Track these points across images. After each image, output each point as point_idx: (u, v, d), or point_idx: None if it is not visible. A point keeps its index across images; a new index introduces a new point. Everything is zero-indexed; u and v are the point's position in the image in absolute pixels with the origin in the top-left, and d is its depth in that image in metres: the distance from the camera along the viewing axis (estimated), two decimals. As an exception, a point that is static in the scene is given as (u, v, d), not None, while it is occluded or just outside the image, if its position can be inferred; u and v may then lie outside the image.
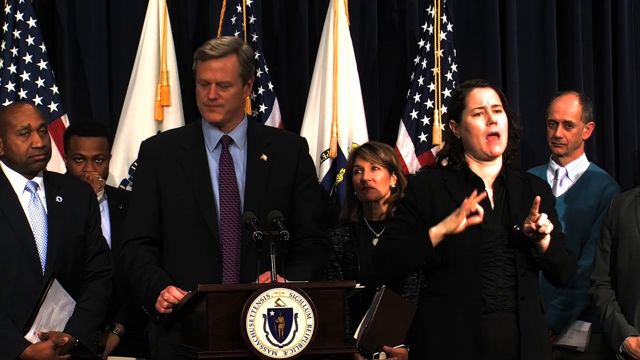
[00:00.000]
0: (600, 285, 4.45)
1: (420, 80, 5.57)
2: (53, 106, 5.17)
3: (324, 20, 5.54)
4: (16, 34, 5.15)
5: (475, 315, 3.67)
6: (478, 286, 3.67)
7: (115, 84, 5.50)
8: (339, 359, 4.10)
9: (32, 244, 4.11)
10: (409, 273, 4.32)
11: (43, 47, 5.17)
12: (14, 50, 5.15)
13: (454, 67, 5.60)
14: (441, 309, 3.72)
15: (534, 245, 3.67)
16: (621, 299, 4.40)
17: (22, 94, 5.12)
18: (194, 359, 3.43)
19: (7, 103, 5.00)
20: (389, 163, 4.62)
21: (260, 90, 5.43)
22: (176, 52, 5.36)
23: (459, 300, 3.68)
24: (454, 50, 5.62)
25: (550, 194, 3.92)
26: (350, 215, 4.67)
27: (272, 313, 3.39)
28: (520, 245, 3.70)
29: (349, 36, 5.50)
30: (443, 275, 3.72)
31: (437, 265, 3.68)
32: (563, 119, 4.89)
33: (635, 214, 4.40)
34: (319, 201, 4.02)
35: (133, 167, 5.15)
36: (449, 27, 5.61)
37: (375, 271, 3.89)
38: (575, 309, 4.76)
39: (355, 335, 4.20)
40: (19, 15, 5.15)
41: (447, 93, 5.52)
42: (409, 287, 4.47)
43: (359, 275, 4.48)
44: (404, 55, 5.85)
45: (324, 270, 4.40)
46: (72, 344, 4.15)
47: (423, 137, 5.57)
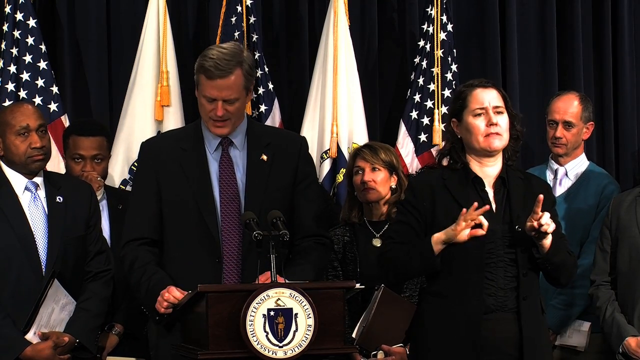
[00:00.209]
0: (600, 285, 4.45)
1: (420, 80, 5.57)
2: (53, 106, 5.17)
3: (324, 20, 5.53)
4: (16, 34, 5.15)
5: (476, 315, 3.66)
6: (480, 287, 3.67)
7: (115, 84, 5.50)
8: (339, 359, 4.09)
9: (33, 244, 4.11)
10: (413, 278, 4.31)
11: (43, 47, 5.17)
12: (14, 50, 5.15)
13: (454, 67, 5.59)
14: (441, 309, 3.72)
15: (535, 245, 3.67)
16: (621, 299, 4.39)
17: (22, 94, 5.12)
18: (194, 359, 3.43)
19: (7, 103, 5.00)
20: (389, 164, 4.61)
21: (260, 90, 5.42)
22: (176, 52, 5.35)
23: (460, 300, 3.68)
24: (454, 50, 5.62)
25: (550, 195, 3.91)
26: (350, 215, 4.67)
27: (272, 313, 3.38)
28: (521, 245, 3.70)
29: (349, 36, 5.50)
30: (444, 275, 3.72)
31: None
32: (563, 119, 4.89)
33: (635, 214, 4.40)
34: (319, 200, 4.01)
35: (133, 167, 5.14)
36: (449, 27, 5.61)
37: (380, 275, 3.90)
38: (575, 308, 4.76)
39: (354, 334, 4.19)
40: (19, 15, 5.14)
41: (447, 93, 5.52)
42: (408, 287, 4.46)
43: (359, 275, 4.48)
44: (404, 55, 5.85)
45: (325, 270, 4.40)
46: (72, 344, 4.14)
47: (423, 137, 5.56)
